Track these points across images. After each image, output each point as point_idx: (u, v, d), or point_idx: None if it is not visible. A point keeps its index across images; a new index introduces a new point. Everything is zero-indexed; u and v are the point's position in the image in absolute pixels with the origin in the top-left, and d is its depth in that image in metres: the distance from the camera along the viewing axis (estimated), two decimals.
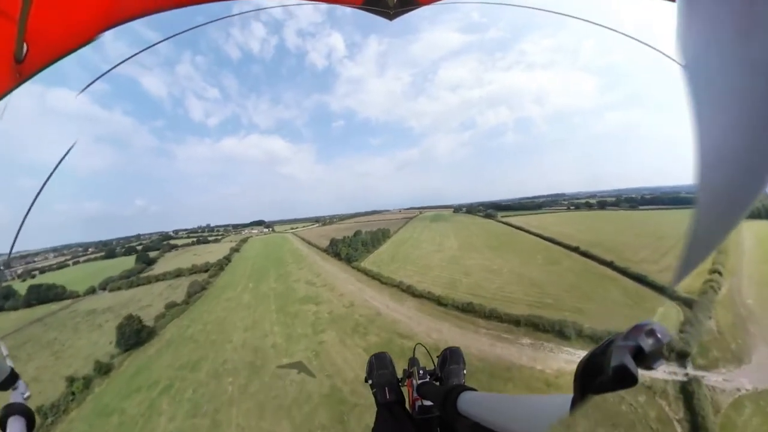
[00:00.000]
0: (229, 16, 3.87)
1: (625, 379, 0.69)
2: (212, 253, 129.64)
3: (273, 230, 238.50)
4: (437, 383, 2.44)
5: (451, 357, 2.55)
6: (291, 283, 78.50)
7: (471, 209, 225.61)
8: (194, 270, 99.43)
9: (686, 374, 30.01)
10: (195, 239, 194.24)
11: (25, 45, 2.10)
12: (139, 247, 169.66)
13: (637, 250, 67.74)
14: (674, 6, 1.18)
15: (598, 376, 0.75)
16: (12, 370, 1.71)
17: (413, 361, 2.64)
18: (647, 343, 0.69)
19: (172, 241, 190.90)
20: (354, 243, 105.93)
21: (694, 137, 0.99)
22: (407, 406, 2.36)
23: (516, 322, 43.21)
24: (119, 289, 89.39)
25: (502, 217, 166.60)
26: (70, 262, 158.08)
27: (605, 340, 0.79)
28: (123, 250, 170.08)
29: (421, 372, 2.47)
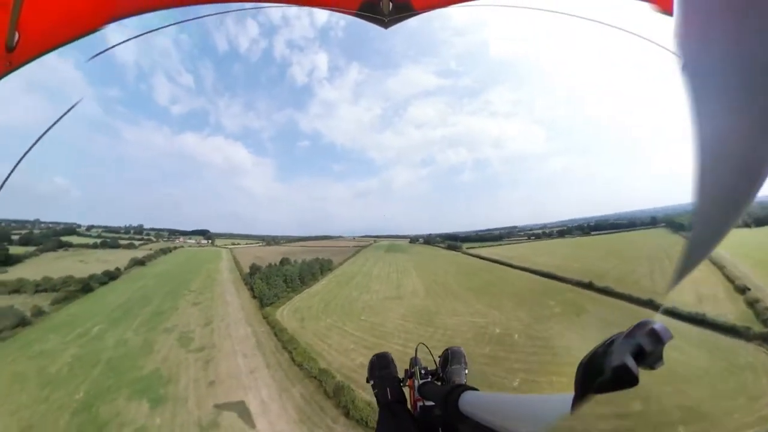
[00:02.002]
0: (228, 11, 3.64)
1: (625, 379, 0.68)
2: (107, 262, 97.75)
3: (212, 243, 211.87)
4: (439, 383, 2.39)
5: (452, 357, 2.51)
6: (152, 335, 50.28)
7: (429, 240, 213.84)
8: (43, 286, 67.32)
9: None
10: (102, 240, 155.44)
11: (16, 34, 2.08)
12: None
13: (643, 276, 56.82)
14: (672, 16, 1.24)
15: (598, 376, 0.74)
16: None
17: (415, 361, 2.54)
18: (648, 343, 0.67)
19: (73, 238, 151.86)
20: (273, 277, 70.48)
21: (693, 138, 0.97)
22: (409, 406, 2.28)
23: None
24: None
25: (467, 248, 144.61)
26: None
27: (606, 340, 0.77)
28: (16, 237, 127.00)
29: (422, 372, 2.42)
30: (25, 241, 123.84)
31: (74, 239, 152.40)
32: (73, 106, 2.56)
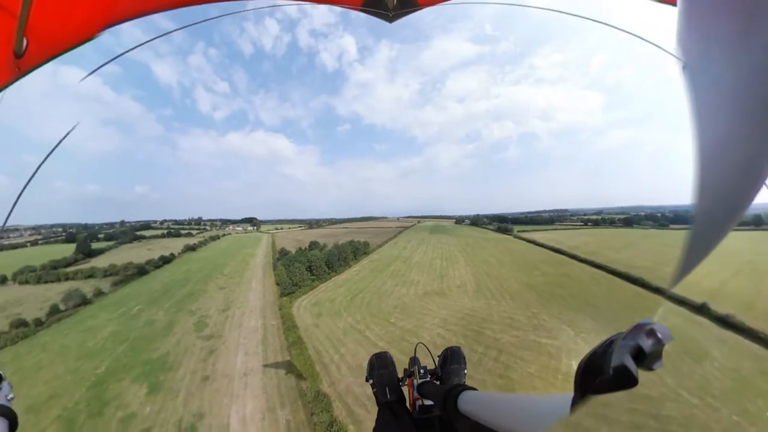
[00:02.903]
0: (237, 12, 3.57)
1: (625, 380, 0.67)
2: (167, 248, 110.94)
3: (257, 229, 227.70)
4: (438, 383, 2.37)
5: (452, 357, 2.51)
6: (177, 316, 50.28)
7: (476, 221, 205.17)
8: (110, 272, 78.12)
9: None
10: (168, 231, 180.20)
11: (24, 40, 2.09)
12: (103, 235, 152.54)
13: None
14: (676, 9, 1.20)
15: (598, 376, 0.73)
16: None
17: (414, 361, 2.51)
18: (648, 344, 0.66)
19: (147, 231, 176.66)
20: (296, 263, 64.26)
21: (694, 138, 0.98)
22: (408, 405, 2.27)
23: None
24: (27, 282, 74.33)
25: (518, 232, 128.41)
26: (29, 243, 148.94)
27: (606, 340, 0.76)
28: (102, 236, 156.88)
29: (421, 371, 2.40)
30: (109, 237, 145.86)
31: (148, 232, 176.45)
32: (73, 127, 2.62)
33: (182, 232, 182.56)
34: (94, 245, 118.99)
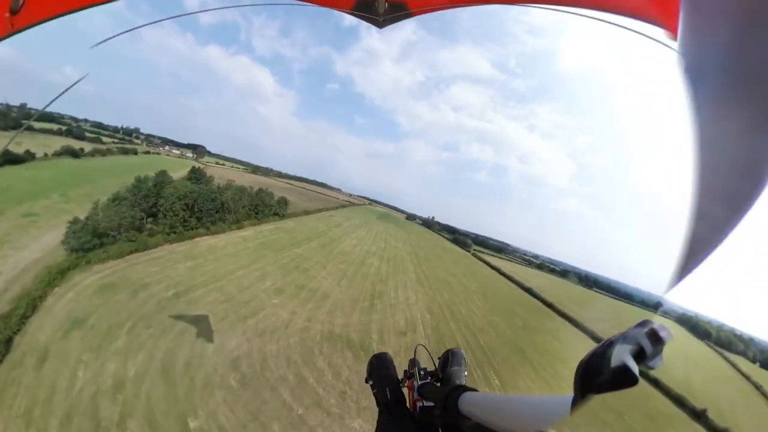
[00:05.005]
0: (235, 6, 3.47)
1: (625, 380, 0.67)
2: (47, 147, 75.12)
3: (197, 159, 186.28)
4: (438, 384, 2.36)
5: (452, 358, 2.48)
6: None
7: (428, 223, 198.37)
8: None
9: None
10: (67, 129, 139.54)
11: None
12: None
13: None
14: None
15: (598, 376, 0.73)
16: None
17: (414, 362, 2.52)
18: (648, 343, 0.67)
19: (47, 124, 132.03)
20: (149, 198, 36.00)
21: (694, 139, 0.99)
22: (408, 406, 2.26)
23: None
24: None
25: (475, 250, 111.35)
26: None
27: (606, 340, 0.76)
28: None
29: (422, 373, 2.40)
30: None
31: (46, 125, 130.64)
32: (76, 82, 2.54)
33: (89, 135, 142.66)
34: None
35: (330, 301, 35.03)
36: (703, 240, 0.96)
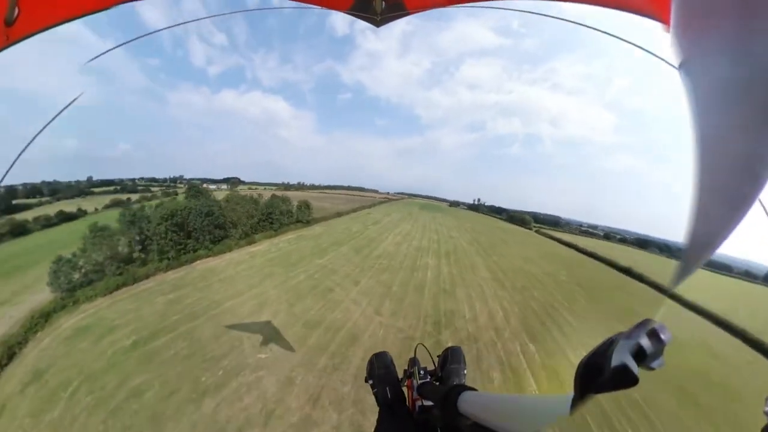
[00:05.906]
0: (233, 12, 3.76)
1: (625, 379, 0.66)
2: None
3: (231, 188, 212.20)
4: (438, 383, 2.36)
5: (452, 357, 2.47)
6: None
7: (475, 207, 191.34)
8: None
9: None
10: (121, 188, 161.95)
11: (17, 9, 2.07)
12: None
13: None
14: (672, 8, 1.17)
15: (598, 376, 0.71)
16: None
17: (414, 361, 2.51)
18: (648, 343, 0.65)
19: (102, 188, 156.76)
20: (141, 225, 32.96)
21: (694, 137, 0.98)
22: (407, 405, 2.27)
23: None
24: None
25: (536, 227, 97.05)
26: None
27: (606, 340, 0.74)
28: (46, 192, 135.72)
29: (421, 372, 2.40)
30: (53, 193, 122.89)
31: (103, 188, 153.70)
32: (73, 101, 2.58)
33: (139, 189, 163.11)
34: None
35: (362, 348, 21.34)
36: (703, 239, 0.95)
